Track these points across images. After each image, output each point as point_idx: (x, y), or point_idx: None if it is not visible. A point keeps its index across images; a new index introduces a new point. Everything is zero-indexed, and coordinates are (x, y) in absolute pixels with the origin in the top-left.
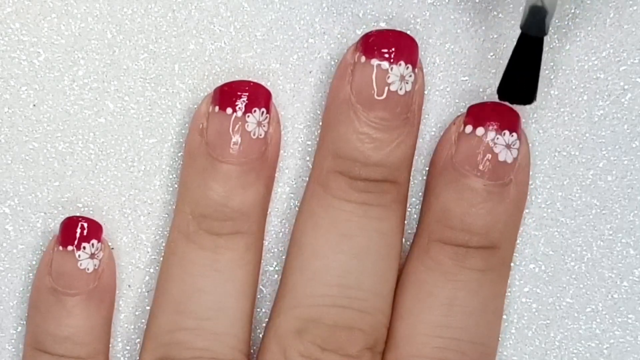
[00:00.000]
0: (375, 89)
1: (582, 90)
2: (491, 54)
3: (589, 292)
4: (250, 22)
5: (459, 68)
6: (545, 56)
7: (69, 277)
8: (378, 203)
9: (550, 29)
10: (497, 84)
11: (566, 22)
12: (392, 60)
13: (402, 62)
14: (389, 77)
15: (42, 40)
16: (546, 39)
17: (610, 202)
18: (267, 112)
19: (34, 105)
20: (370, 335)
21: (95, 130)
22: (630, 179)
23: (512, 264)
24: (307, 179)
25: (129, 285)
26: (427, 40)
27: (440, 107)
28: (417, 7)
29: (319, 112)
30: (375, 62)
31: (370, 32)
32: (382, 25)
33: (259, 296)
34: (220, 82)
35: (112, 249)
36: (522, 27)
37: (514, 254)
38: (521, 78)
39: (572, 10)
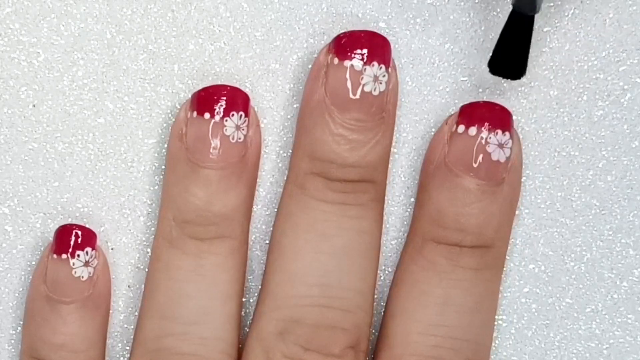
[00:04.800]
0: (349, 90)
1: (581, 90)
2: (491, 54)
3: (588, 293)
4: (250, 23)
5: (458, 68)
6: (545, 56)
7: (63, 285)
8: (356, 202)
9: (550, 29)
10: (496, 84)
11: (566, 22)
12: (365, 61)
13: (375, 63)
14: (362, 77)
15: (42, 40)
16: (546, 39)
17: (610, 203)
18: (246, 116)
19: (34, 105)
20: (352, 334)
21: (95, 130)
22: (629, 179)
23: (512, 264)
24: None
25: (128, 286)
26: (426, 41)
27: (440, 107)
28: (417, 7)
29: None
30: (348, 63)
31: (343, 33)
32: (382, 26)
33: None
34: (219, 83)
35: (112, 249)
36: (513, 5)
37: (514, 254)
38: (512, 53)
39: (572, 11)
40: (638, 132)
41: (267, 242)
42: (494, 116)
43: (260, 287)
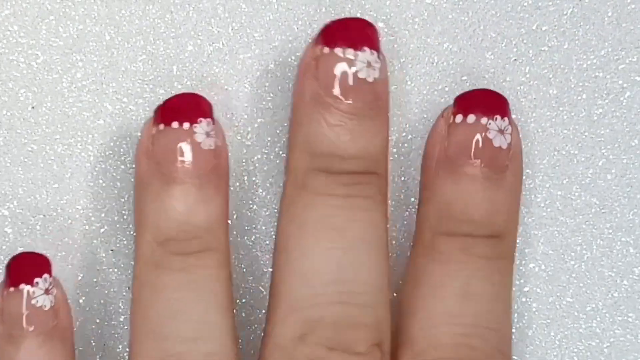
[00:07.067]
0: (343, 78)
1: (581, 89)
2: (490, 53)
3: (589, 291)
4: (249, 23)
5: (458, 68)
6: (544, 55)
7: (25, 317)
8: (362, 194)
9: (549, 27)
10: (496, 83)
11: (564, 21)
12: (356, 47)
13: (367, 48)
14: (355, 64)
15: (41, 42)
16: (544, 37)
17: (610, 201)
18: (213, 123)
19: (33, 107)
20: (375, 330)
21: (94, 132)
22: (629, 177)
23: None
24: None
25: (128, 288)
26: (425, 40)
27: (440, 107)
28: (416, 7)
29: None
30: (339, 50)
31: (329, 22)
32: (381, 25)
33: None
34: (219, 83)
35: (112, 250)
36: None
37: (515, 254)
38: None
39: (571, 9)
40: (637, 130)
41: (268, 242)
42: (491, 102)
43: (268, 294)
